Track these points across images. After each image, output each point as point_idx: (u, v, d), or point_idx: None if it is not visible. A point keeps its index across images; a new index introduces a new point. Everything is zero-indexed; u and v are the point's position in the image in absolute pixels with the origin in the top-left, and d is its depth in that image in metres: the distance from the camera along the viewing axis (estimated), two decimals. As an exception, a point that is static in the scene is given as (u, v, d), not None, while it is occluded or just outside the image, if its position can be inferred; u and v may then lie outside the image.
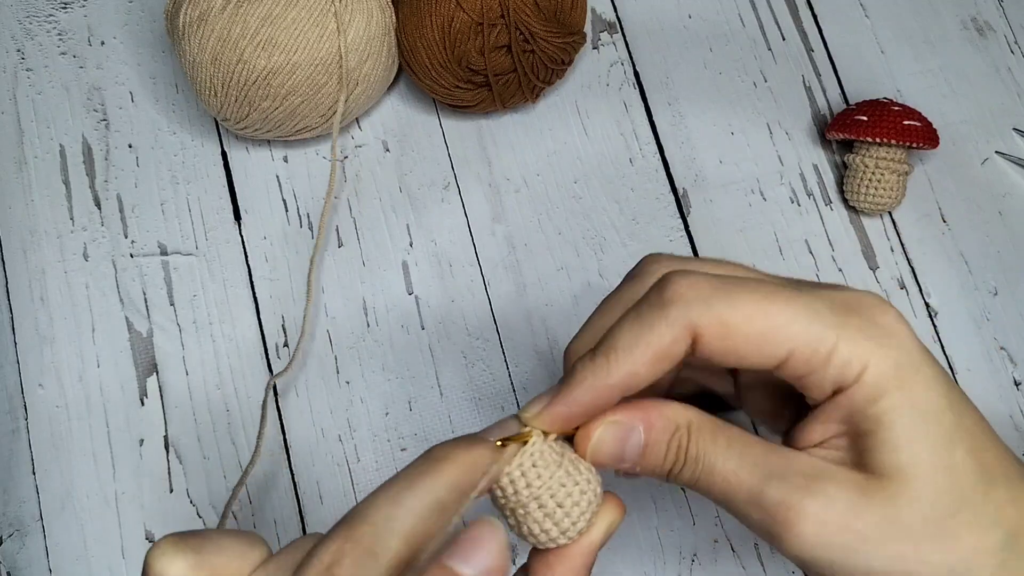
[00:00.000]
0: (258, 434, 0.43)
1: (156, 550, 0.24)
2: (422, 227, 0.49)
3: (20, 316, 0.47)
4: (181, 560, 0.24)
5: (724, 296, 0.25)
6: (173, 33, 0.46)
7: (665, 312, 0.25)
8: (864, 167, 0.47)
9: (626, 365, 0.25)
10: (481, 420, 0.46)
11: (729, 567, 0.44)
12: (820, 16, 0.52)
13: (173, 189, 0.49)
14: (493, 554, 0.23)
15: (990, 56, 0.52)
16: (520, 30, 0.45)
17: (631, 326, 0.26)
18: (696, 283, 0.25)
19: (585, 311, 0.47)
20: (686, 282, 0.25)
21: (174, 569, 0.24)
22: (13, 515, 0.45)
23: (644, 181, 0.50)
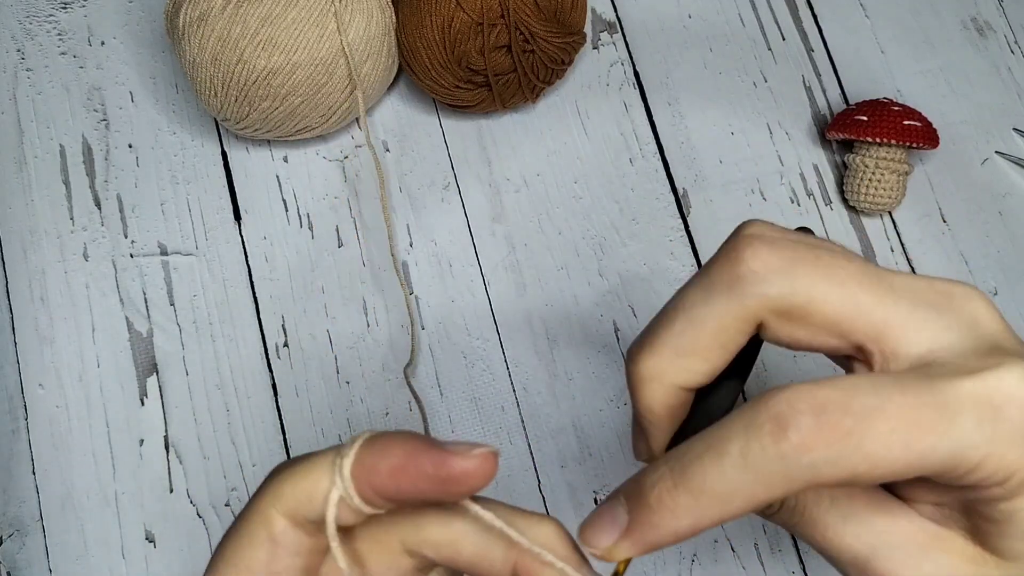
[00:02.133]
0: (423, 425, 0.44)
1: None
2: (422, 227, 0.49)
3: (20, 316, 0.47)
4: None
5: (857, 443, 0.20)
6: (173, 33, 0.46)
7: (786, 465, 0.20)
8: (864, 167, 0.47)
9: (719, 513, 0.21)
10: (481, 420, 0.46)
11: (729, 567, 0.44)
12: (820, 16, 0.52)
13: (173, 189, 0.49)
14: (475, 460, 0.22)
15: (990, 56, 0.52)
16: (520, 30, 0.45)
17: (735, 472, 0.21)
18: (825, 428, 0.20)
19: (585, 311, 0.47)
20: (812, 425, 0.20)
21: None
22: (13, 515, 0.45)
23: (644, 181, 0.50)
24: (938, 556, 0.23)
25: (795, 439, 0.20)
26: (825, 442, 0.20)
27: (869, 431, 0.20)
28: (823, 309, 0.23)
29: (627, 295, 0.48)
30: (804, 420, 0.20)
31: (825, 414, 0.20)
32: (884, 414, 0.20)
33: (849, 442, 0.20)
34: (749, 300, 0.23)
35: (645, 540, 0.22)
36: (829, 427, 0.20)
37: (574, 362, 0.47)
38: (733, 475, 0.21)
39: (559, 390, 0.46)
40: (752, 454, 0.20)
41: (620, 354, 0.47)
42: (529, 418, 0.46)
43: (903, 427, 0.20)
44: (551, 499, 0.45)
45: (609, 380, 0.46)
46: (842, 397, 0.20)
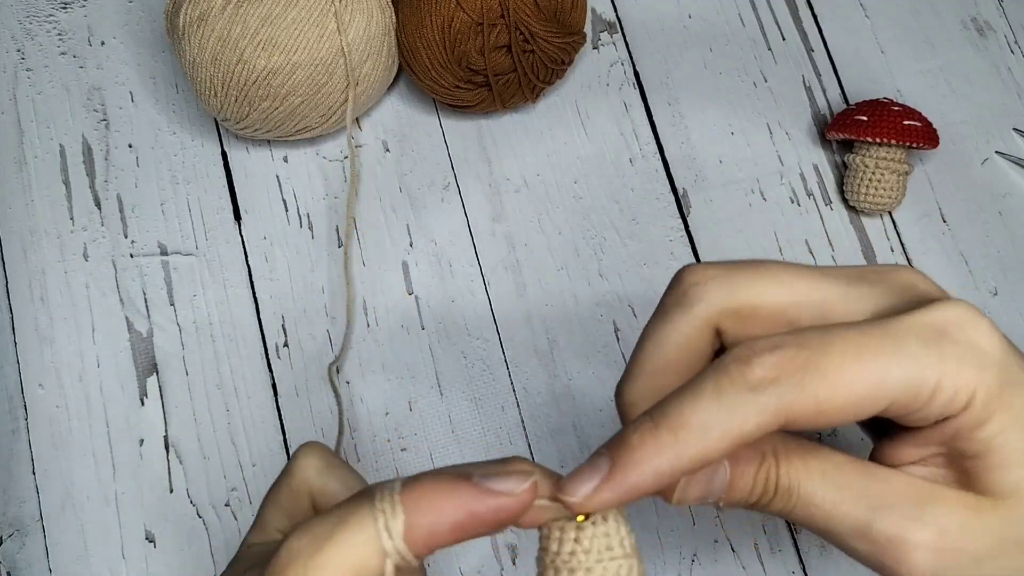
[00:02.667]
0: (339, 419, 0.45)
1: (305, 447, 0.31)
2: (422, 227, 0.49)
3: (20, 316, 0.47)
4: (316, 460, 0.30)
5: (815, 371, 0.22)
6: (173, 33, 0.46)
7: (755, 398, 0.22)
8: (864, 167, 0.47)
9: (699, 450, 0.22)
10: (481, 420, 0.46)
11: (729, 567, 0.44)
12: (820, 16, 0.52)
13: (173, 189, 0.49)
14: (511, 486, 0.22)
15: (990, 56, 0.52)
16: (520, 30, 0.45)
17: (709, 404, 0.22)
18: (783, 360, 0.22)
19: (585, 311, 0.47)
20: (773, 360, 0.22)
21: (307, 462, 0.30)
22: (13, 515, 0.45)
23: (644, 181, 0.50)
24: (936, 508, 0.24)
25: (759, 372, 0.22)
26: (786, 372, 0.22)
27: (823, 359, 0.22)
28: (767, 302, 0.25)
29: (627, 295, 0.48)
30: (765, 356, 0.22)
31: (781, 349, 0.22)
32: (835, 345, 0.23)
33: (807, 371, 0.22)
34: (698, 308, 0.25)
35: (627, 482, 0.23)
36: (787, 359, 0.22)
37: (574, 362, 0.47)
38: (708, 409, 0.22)
39: (559, 390, 0.46)
40: (723, 389, 0.22)
41: (620, 354, 0.47)
42: (529, 418, 0.46)
43: (854, 352, 0.22)
44: (551, 499, 0.45)
45: (609, 380, 0.46)
46: (796, 338, 0.23)
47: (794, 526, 0.44)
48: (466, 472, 0.23)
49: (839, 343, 0.23)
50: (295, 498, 0.30)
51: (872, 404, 0.23)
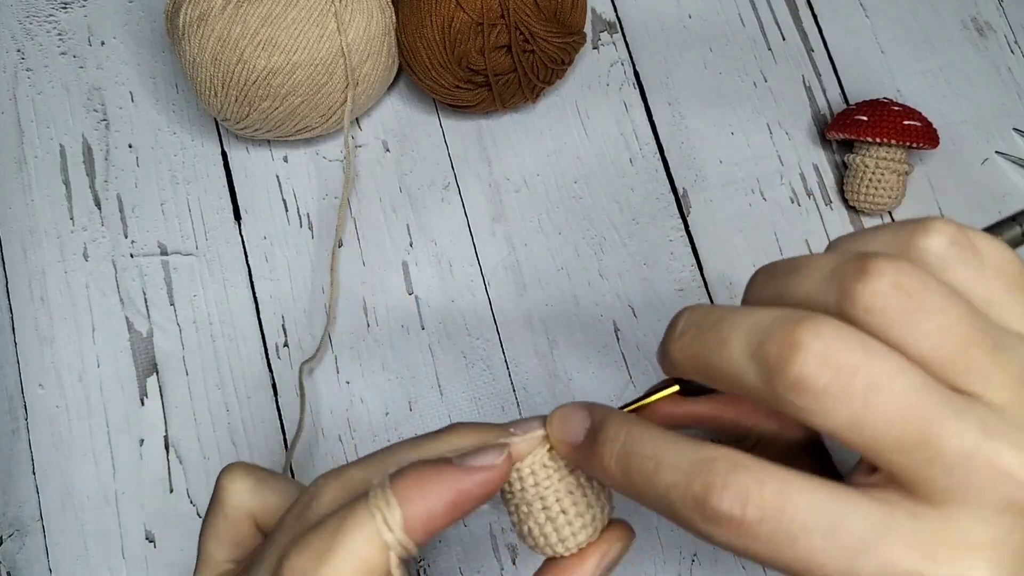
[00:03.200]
0: (300, 417, 0.44)
1: (228, 469, 0.30)
2: (422, 227, 0.49)
3: (20, 316, 0.47)
4: (244, 482, 0.29)
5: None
6: (173, 33, 0.46)
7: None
8: (864, 167, 0.47)
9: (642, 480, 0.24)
10: (481, 420, 0.46)
11: (729, 567, 0.44)
12: (820, 16, 0.52)
13: (173, 189, 0.49)
14: (488, 459, 0.25)
15: (990, 56, 0.52)
16: (520, 30, 0.45)
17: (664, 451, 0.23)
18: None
19: (585, 311, 0.47)
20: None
21: (236, 487, 0.29)
22: (13, 515, 0.45)
23: (644, 181, 0.50)
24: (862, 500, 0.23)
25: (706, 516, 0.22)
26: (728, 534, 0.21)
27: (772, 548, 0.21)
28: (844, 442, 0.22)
29: (627, 295, 0.48)
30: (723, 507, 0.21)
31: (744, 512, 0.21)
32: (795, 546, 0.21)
33: (747, 543, 0.21)
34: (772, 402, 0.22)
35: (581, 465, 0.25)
36: (737, 526, 0.21)
37: (574, 362, 0.47)
38: (653, 493, 0.23)
39: (559, 390, 0.46)
40: (673, 495, 0.22)
41: (620, 354, 0.47)
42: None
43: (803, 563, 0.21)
44: (551, 499, 0.45)
45: (609, 380, 0.46)
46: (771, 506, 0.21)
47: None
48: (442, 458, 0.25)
49: None
50: (234, 525, 0.29)
51: None
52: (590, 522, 0.26)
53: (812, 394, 0.21)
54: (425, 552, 0.44)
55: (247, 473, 0.30)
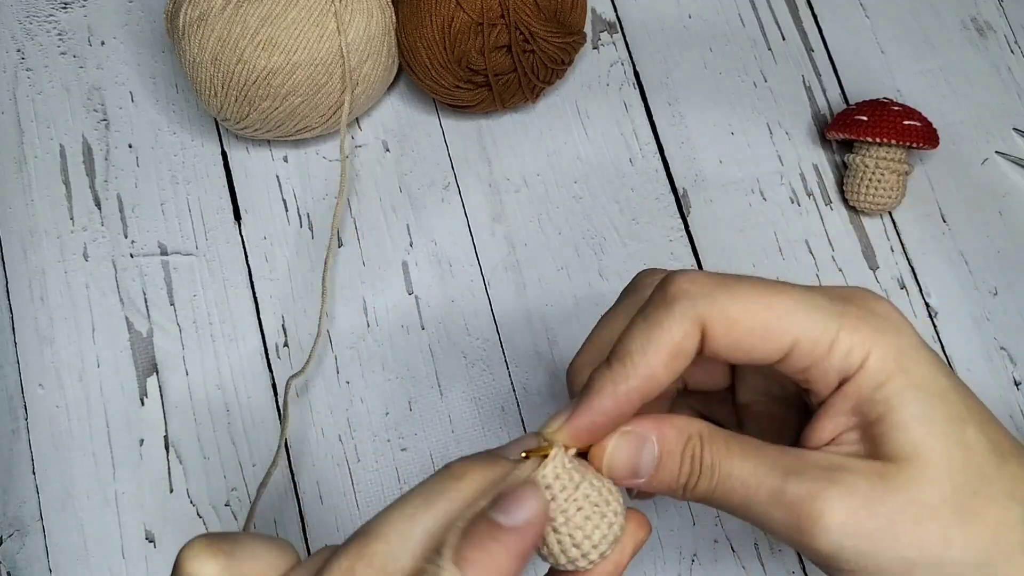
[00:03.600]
0: (281, 435, 0.44)
1: (189, 550, 0.24)
2: (422, 227, 0.49)
3: (20, 316, 0.47)
4: (213, 563, 0.24)
5: (725, 290, 0.25)
6: (173, 33, 0.46)
7: (671, 309, 0.25)
8: (864, 167, 0.47)
9: (643, 368, 0.25)
10: (481, 420, 0.46)
11: (729, 567, 0.44)
12: (820, 16, 0.52)
13: (173, 189, 0.49)
14: (533, 509, 0.24)
15: (990, 56, 0.52)
16: (520, 30, 0.45)
17: (641, 328, 0.26)
18: (697, 279, 0.26)
19: (585, 311, 0.47)
20: (687, 278, 0.26)
21: (206, 571, 0.24)
22: (13, 515, 0.45)
23: (644, 181, 0.50)
24: (845, 473, 0.25)
25: (672, 288, 0.26)
26: (699, 287, 0.25)
27: (736, 286, 0.26)
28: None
29: (627, 295, 0.48)
30: (680, 277, 0.26)
31: (696, 273, 0.26)
32: (749, 280, 0.26)
33: (719, 289, 0.25)
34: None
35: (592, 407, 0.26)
36: (701, 279, 0.26)
37: (574, 362, 0.47)
38: (640, 332, 0.26)
39: (559, 390, 0.46)
40: (647, 313, 0.26)
41: (620, 354, 0.47)
42: (529, 418, 0.46)
43: (764, 288, 0.26)
44: (551, 499, 0.45)
45: (609, 380, 0.46)
46: (713, 272, 0.26)
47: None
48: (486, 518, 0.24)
49: (753, 280, 0.26)
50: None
51: (779, 336, 0.25)
52: (612, 522, 0.26)
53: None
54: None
55: (213, 552, 0.24)
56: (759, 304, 0.25)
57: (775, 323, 0.25)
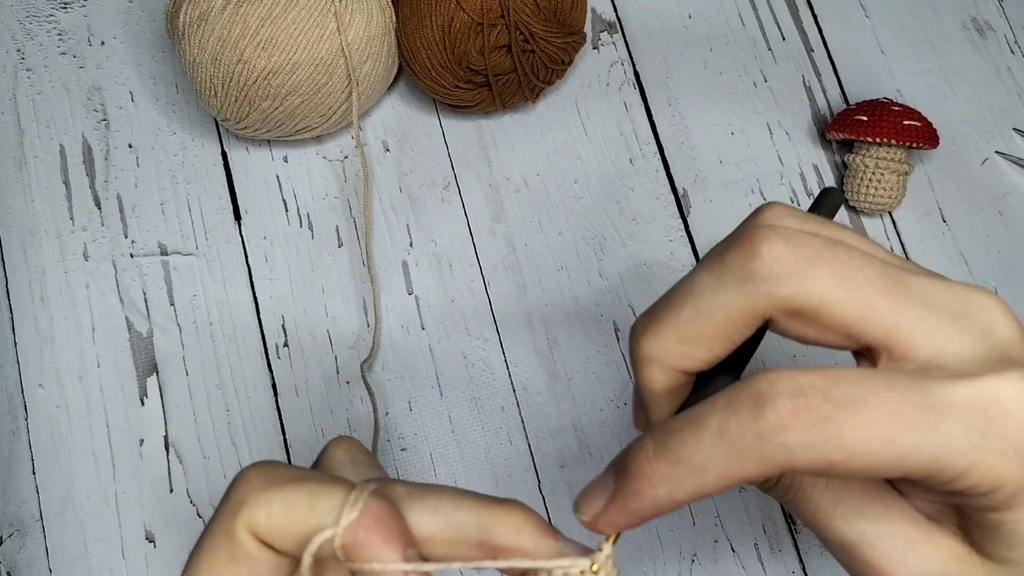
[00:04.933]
0: (374, 417, 0.45)
1: (335, 440, 0.27)
2: (422, 227, 0.49)
3: (20, 316, 0.47)
4: (344, 455, 0.26)
5: (835, 430, 0.20)
6: (173, 33, 0.46)
7: (761, 445, 0.20)
8: (864, 167, 0.47)
9: (695, 487, 0.22)
10: (481, 420, 0.46)
11: (729, 567, 0.44)
12: (820, 16, 0.52)
13: (173, 189, 0.49)
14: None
15: (990, 56, 0.52)
16: (520, 30, 0.45)
17: (711, 444, 0.21)
18: (802, 411, 0.20)
19: (585, 311, 0.47)
20: (791, 407, 0.20)
21: (336, 455, 0.26)
22: (13, 515, 0.45)
23: (644, 181, 0.50)
24: (926, 550, 0.23)
25: (772, 418, 0.20)
26: (801, 425, 0.20)
27: (848, 421, 0.20)
28: (834, 312, 0.23)
29: (627, 295, 0.48)
30: (782, 402, 0.20)
31: (804, 397, 0.20)
32: (866, 405, 0.20)
33: (826, 428, 0.20)
34: (760, 298, 0.23)
35: (628, 508, 0.23)
36: (807, 411, 0.20)
37: (574, 362, 0.47)
38: (710, 448, 0.21)
39: (559, 390, 0.46)
40: (729, 429, 0.21)
41: (620, 354, 0.47)
42: (529, 418, 0.46)
43: (884, 422, 0.20)
44: (551, 499, 0.45)
45: (609, 380, 0.46)
46: (825, 384, 0.20)
47: (794, 526, 0.44)
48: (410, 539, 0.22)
49: (870, 406, 0.20)
50: None
51: (886, 472, 0.21)
52: None
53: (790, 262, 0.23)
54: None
55: (347, 449, 0.27)
56: (873, 447, 0.20)
57: (887, 465, 0.21)
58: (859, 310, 0.22)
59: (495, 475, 0.45)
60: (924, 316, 0.22)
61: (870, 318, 0.22)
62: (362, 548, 0.21)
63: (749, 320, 0.24)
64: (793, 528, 0.44)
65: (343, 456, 0.27)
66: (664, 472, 0.22)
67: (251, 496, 0.22)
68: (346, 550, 0.21)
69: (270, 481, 0.22)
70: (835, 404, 0.20)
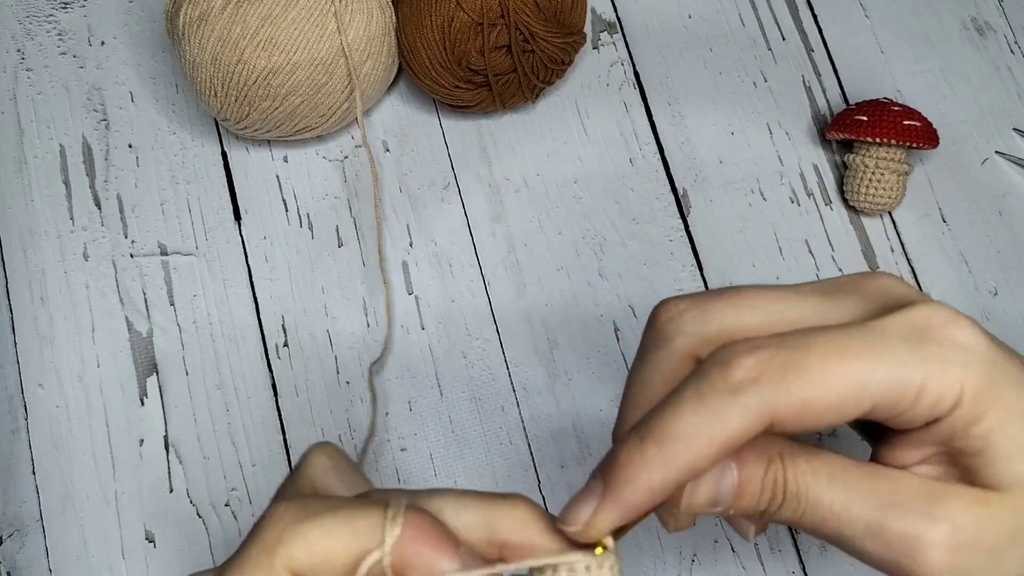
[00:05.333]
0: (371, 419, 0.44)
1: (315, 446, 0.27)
2: (422, 227, 0.49)
3: (20, 316, 0.47)
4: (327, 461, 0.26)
5: (796, 371, 0.22)
6: (173, 33, 0.46)
7: (737, 399, 0.22)
8: (864, 167, 0.47)
9: (686, 458, 0.22)
10: (481, 420, 0.46)
11: (729, 567, 0.44)
12: (820, 16, 0.52)
13: (173, 189, 0.49)
14: None
15: (990, 56, 0.52)
16: (520, 30, 0.45)
17: (691, 411, 0.22)
18: (763, 361, 0.22)
19: (585, 311, 0.47)
20: (752, 360, 0.22)
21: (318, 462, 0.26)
22: (13, 515, 0.45)
23: (644, 181, 0.50)
24: (947, 504, 0.24)
25: (739, 373, 0.22)
26: (767, 372, 0.22)
27: (805, 359, 0.22)
28: (742, 328, 0.24)
29: (627, 295, 0.48)
30: (744, 358, 0.22)
31: (761, 350, 0.23)
32: (816, 345, 0.23)
33: (788, 370, 0.22)
34: (676, 342, 0.25)
35: (622, 500, 0.23)
36: (767, 359, 0.22)
37: (574, 362, 0.47)
38: (691, 417, 0.22)
39: (559, 390, 0.46)
40: (704, 395, 0.22)
41: (620, 354, 0.47)
42: (529, 418, 0.46)
43: (835, 352, 0.22)
44: (551, 499, 0.45)
45: (609, 380, 0.46)
46: (776, 339, 0.23)
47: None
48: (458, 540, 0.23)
49: (820, 344, 0.23)
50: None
51: (856, 405, 0.23)
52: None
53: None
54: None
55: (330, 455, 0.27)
56: (835, 378, 0.22)
57: (854, 394, 0.23)
58: (763, 317, 0.25)
59: (495, 475, 0.45)
60: (822, 302, 0.25)
61: (777, 320, 0.25)
62: (414, 561, 0.22)
63: (682, 367, 0.25)
64: (793, 528, 0.44)
65: (326, 462, 0.27)
66: (653, 453, 0.23)
67: (286, 533, 0.22)
68: (397, 568, 0.22)
69: (304, 515, 0.22)
70: (790, 349, 0.23)
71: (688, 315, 0.25)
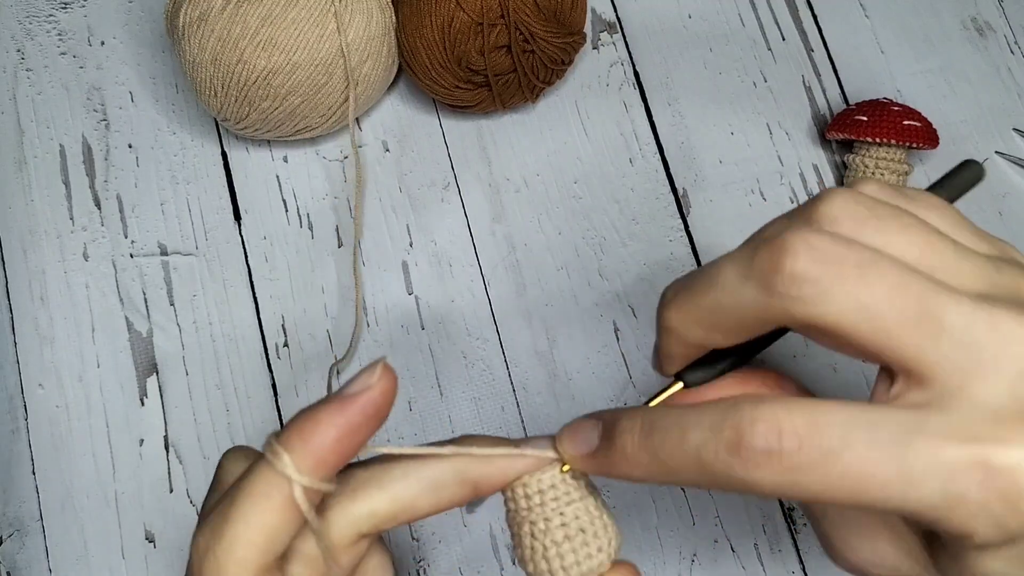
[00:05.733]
0: None
1: (228, 453, 0.29)
2: (422, 227, 0.49)
3: (20, 316, 0.47)
4: (243, 467, 0.27)
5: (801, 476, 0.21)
6: (173, 33, 0.46)
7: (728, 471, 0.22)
8: (864, 167, 0.47)
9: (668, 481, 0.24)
10: (481, 420, 0.46)
11: (729, 567, 0.44)
12: (820, 16, 0.52)
13: (173, 189, 0.49)
14: (369, 377, 0.25)
15: (990, 56, 0.52)
16: (520, 30, 0.45)
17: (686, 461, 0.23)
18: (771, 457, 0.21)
19: (585, 311, 0.47)
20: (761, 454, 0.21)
21: (232, 469, 0.28)
22: (13, 515, 0.45)
23: (644, 181, 0.50)
24: (882, 545, 0.25)
25: (744, 457, 0.21)
26: (771, 470, 0.21)
27: (818, 471, 0.21)
28: (850, 337, 0.22)
29: (627, 295, 0.48)
30: (759, 442, 0.21)
31: (780, 441, 0.21)
32: (840, 460, 0.21)
33: (795, 475, 0.21)
34: (775, 311, 0.23)
35: (603, 469, 0.25)
36: (779, 458, 0.21)
37: (574, 362, 0.47)
38: (684, 460, 0.23)
39: (559, 390, 0.46)
40: (706, 454, 0.22)
41: (620, 354, 0.47)
42: (529, 418, 0.46)
43: (854, 475, 0.21)
44: (551, 499, 0.45)
45: (609, 380, 0.46)
46: (806, 429, 0.21)
47: (794, 526, 0.44)
48: (324, 397, 0.25)
49: (846, 460, 0.21)
50: None
51: (854, 508, 0.23)
52: (596, 553, 0.25)
53: (810, 282, 0.21)
54: (425, 552, 0.44)
55: (245, 459, 0.28)
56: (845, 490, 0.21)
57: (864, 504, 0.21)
58: (878, 338, 0.22)
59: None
60: (949, 355, 0.21)
61: (888, 347, 0.22)
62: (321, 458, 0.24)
63: (764, 324, 0.24)
64: (793, 528, 0.44)
65: (240, 469, 0.27)
66: (642, 461, 0.24)
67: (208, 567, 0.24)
68: (318, 473, 0.24)
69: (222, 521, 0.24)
70: (809, 455, 0.21)
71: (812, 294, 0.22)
